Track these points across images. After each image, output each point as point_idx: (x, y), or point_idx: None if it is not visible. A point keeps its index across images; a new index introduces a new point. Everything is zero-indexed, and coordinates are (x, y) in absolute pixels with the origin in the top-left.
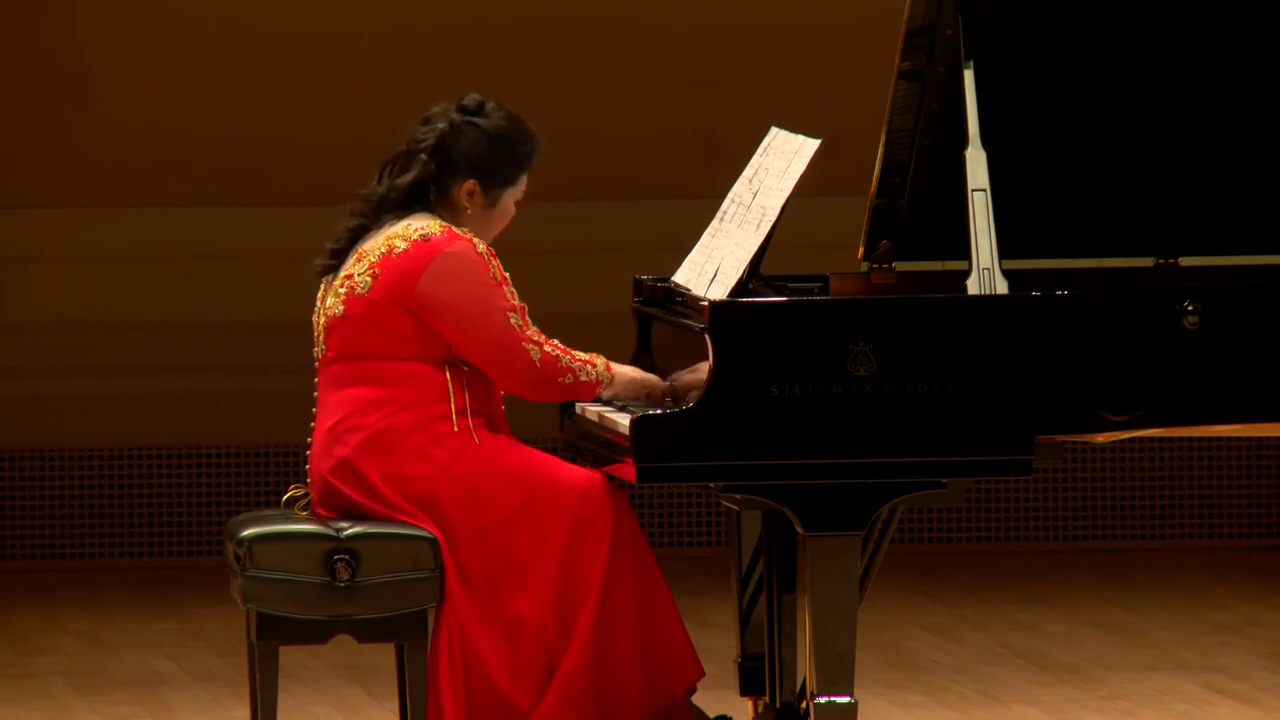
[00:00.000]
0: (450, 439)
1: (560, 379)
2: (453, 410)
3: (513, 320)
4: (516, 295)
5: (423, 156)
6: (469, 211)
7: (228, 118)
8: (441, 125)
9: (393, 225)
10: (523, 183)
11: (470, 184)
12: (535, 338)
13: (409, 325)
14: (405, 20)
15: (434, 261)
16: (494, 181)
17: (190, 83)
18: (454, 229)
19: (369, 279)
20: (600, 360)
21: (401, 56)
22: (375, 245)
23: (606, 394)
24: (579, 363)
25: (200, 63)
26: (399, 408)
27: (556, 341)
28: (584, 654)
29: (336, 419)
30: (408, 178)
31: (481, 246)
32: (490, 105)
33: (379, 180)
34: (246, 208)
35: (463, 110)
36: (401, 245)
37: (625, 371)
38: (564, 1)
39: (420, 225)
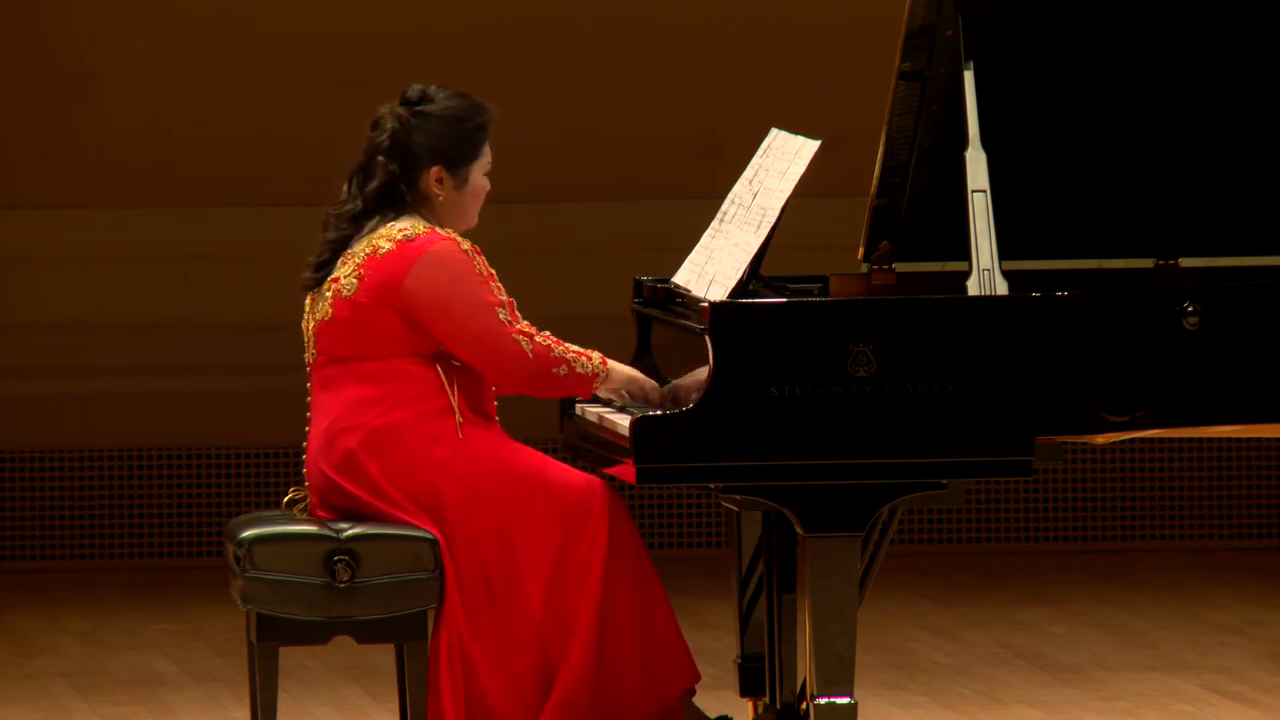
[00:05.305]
0: (447, 436)
1: (554, 369)
2: (453, 405)
3: (501, 315)
4: (504, 290)
5: (381, 159)
6: (441, 198)
7: (228, 118)
8: (392, 124)
9: (376, 230)
10: (487, 154)
11: (436, 170)
12: (526, 329)
13: (397, 325)
14: (405, 20)
15: (418, 261)
16: (458, 161)
17: (190, 83)
18: (437, 229)
19: (355, 281)
20: (595, 354)
21: (401, 56)
22: (360, 248)
23: (603, 390)
24: (572, 354)
25: (200, 63)
26: (394, 404)
27: (548, 334)
28: (584, 664)
29: (331, 419)
30: (374, 184)
31: (465, 244)
32: (433, 90)
33: (347, 194)
34: (246, 208)
35: (408, 104)
36: (386, 246)
37: (621, 368)
38: (564, 1)
39: (403, 226)
